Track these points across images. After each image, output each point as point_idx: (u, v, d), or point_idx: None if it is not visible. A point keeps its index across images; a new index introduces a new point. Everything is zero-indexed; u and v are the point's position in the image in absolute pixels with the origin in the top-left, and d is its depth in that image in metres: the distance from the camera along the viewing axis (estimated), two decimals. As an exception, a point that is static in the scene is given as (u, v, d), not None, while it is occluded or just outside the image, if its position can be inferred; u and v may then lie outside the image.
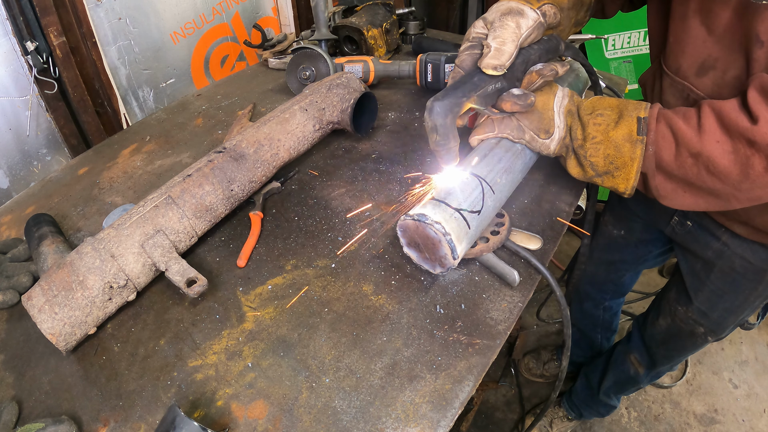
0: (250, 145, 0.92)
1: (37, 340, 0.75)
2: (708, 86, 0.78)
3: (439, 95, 0.71)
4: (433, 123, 0.71)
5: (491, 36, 0.74)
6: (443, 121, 0.70)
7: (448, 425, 0.60)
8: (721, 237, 0.97)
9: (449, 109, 0.71)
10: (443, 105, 0.70)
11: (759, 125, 0.62)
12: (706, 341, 1.16)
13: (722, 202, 0.72)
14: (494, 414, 1.88)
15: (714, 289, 1.06)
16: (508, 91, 0.77)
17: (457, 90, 0.72)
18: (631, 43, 2.00)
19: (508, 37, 0.73)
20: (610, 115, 0.76)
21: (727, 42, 0.73)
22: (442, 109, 0.70)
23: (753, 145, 0.63)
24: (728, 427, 1.80)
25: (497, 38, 0.73)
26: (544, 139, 0.81)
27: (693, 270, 1.09)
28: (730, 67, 0.74)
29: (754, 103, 0.63)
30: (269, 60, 1.55)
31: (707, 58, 0.77)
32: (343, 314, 0.74)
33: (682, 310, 1.15)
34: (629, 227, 1.29)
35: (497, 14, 0.76)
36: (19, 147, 1.32)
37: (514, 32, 0.73)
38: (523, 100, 0.77)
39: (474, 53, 0.78)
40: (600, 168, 0.77)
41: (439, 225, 0.68)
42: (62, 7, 1.27)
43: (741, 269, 0.98)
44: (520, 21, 0.74)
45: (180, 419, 0.53)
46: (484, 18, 0.78)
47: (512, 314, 0.73)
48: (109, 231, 0.76)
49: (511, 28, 0.73)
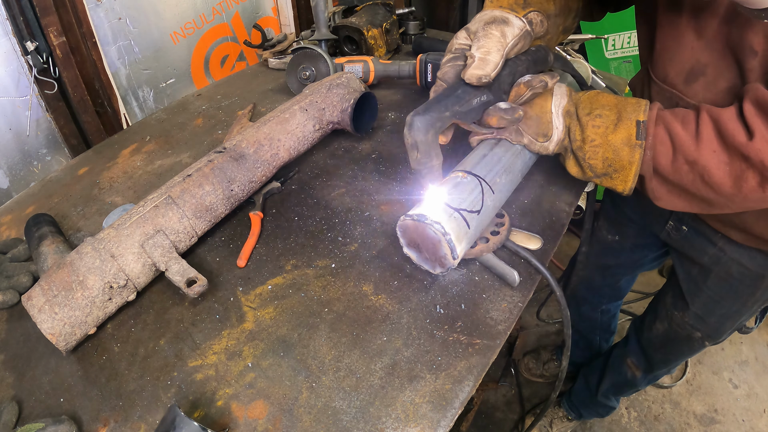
0: (250, 145, 0.92)
1: (37, 340, 0.75)
2: (698, 93, 0.77)
3: (420, 109, 0.67)
4: (414, 139, 0.66)
5: (475, 46, 0.71)
6: (424, 137, 0.66)
7: (448, 425, 0.60)
8: (717, 242, 0.96)
9: (431, 125, 0.66)
10: (424, 120, 0.66)
11: (753, 141, 0.61)
12: (704, 345, 1.15)
13: (715, 208, 0.73)
14: (494, 414, 1.88)
15: (711, 295, 1.04)
16: (494, 105, 0.74)
17: (440, 104, 0.68)
18: (631, 43, 1.99)
19: (492, 46, 0.70)
20: (608, 116, 0.75)
21: (716, 48, 0.72)
22: (423, 124, 0.66)
23: (747, 160, 0.63)
24: (728, 427, 1.80)
25: (481, 48, 0.70)
26: (542, 142, 0.80)
27: (689, 275, 1.08)
28: (720, 75, 0.73)
29: (750, 116, 0.62)
30: (269, 60, 1.55)
31: (696, 65, 0.76)
32: (343, 314, 0.74)
33: (679, 315, 1.14)
34: (623, 232, 1.28)
35: (480, 24, 0.73)
36: (19, 147, 1.32)
37: (499, 41, 0.70)
38: (511, 114, 0.74)
39: (457, 65, 0.74)
40: (598, 170, 0.77)
41: (438, 225, 0.68)
42: (62, 7, 1.27)
43: (738, 275, 0.96)
44: (505, 30, 0.71)
45: (180, 419, 0.53)
46: (467, 28, 0.75)
47: (512, 314, 0.73)
48: (109, 231, 0.76)
49: (495, 37, 0.70)
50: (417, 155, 0.67)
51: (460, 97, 0.70)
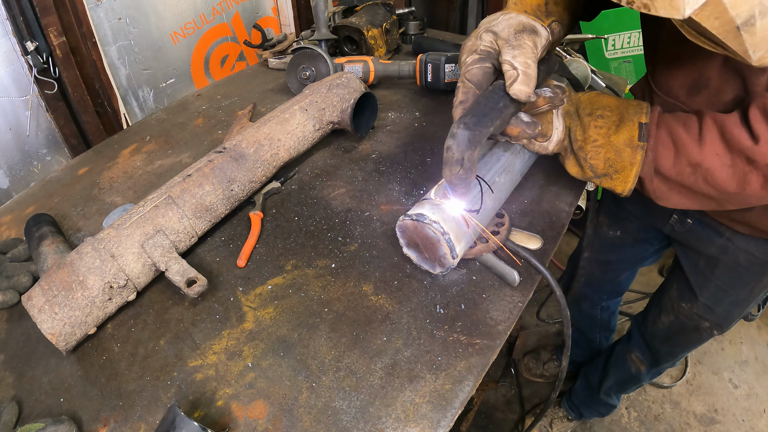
0: (250, 145, 0.92)
1: (37, 340, 0.75)
2: (701, 105, 0.78)
3: (468, 121, 0.63)
4: (461, 155, 0.63)
5: (509, 55, 0.68)
6: (471, 154, 0.63)
7: (448, 425, 0.60)
8: (724, 233, 0.97)
9: (478, 141, 0.62)
10: (474, 136, 0.62)
11: (760, 145, 0.63)
12: (712, 335, 1.16)
13: (717, 205, 0.74)
14: (494, 414, 1.88)
15: (720, 285, 1.05)
16: (516, 116, 0.72)
17: (485, 118, 0.65)
18: (631, 43, 1.99)
19: (529, 58, 0.68)
20: (610, 117, 0.76)
21: (719, 63, 0.73)
22: (472, 140, 0.62)
23: (752, 163, 0.65)
24: (728, 427, 1.80)
25: (518, 58, 0.67)
26: (541, 142, 0.80)
27: (696, 267, 1.09)
28: (723, 87, 0.74)
29: (756, 122, 0.64)
30: (269, 60, 1.55)
31: (699, 78, 0.77)
32: (343, 314, 0.74)
33: (687, 307, 1.15)
34: (625, 227, 1.29)
35: (511, 30, 0.70)
36: (19, 147, 1.32)
37: (533, 52, 0.69)
38: (532, 128, 0.73)
39: (485, 67, 0.72)
40: (599, 170, 0.77)
41: (437, 224, 0.68)
42: (62, 7, 1.27)
43: (746, 263, 0.98)
44: (536, 40, 0.70)
45: (180, 419, 0.53)
46: (493, 32, 0.72)
47: (512, 314, 0.73)
48: (109, 231, 0.76)
49: (529, 47, 0.69)
50: (460, 171, 0.64)
51: (501, 111, 0.67)
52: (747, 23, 0.49)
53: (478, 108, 0.66)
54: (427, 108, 1.25)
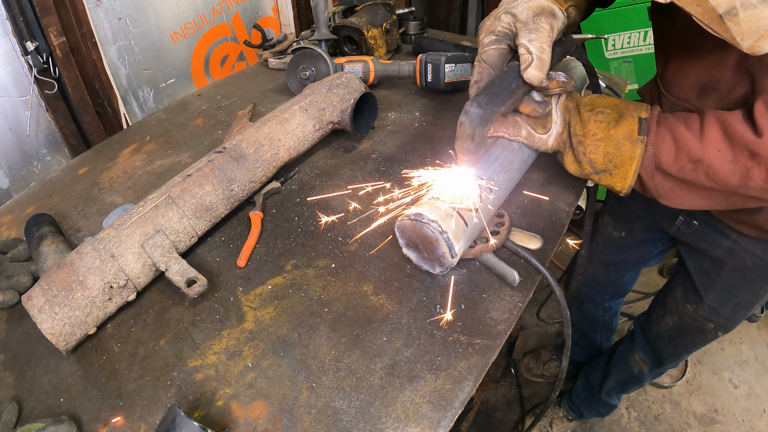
0: (250, 145, 0.92)
1: (37, 340, 0.75)
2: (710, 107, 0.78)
3: (481, 100, 0.68)
4: (472, 131, 0.67)
5: (525, 37, 0.70)
6: (482, 130, 0.68)
7: (448, 425, 0.60)
8: (730, 235, 0.97)
9: (489, 119, 0.68)
10: (485, 114, 0.67)
11: (763, 138, 0.63)
12: (716, 336, 1.16)
13: (724, 201, 0.74)
14: (494, 414, 1.88)
15: (725, 286, 1.05)
16: (529, 95, 0.75)
17: (498, 97, 0.69)
18: (631, 43, 1.99)
19: (545, 42, 0.70)
20: (610, 114, 0.76)
21: (730, 65, 0.73)
22: (485, 118, 0.67)
23: (755, 157, 0.65)
24: (728, 427, 1.80)
25: (534, 42, 0.69)
26: (541, 134, 0.80)
27: (701, 268, 1.09)
28: (734, 89, 0.74)
29: (761, 116, 0.64)
30: (269, 60, 1.55)
31: (709, 81, 0.77)
32: (343, 314, 0.74)
33: (692, 308, 1.14)
34: (630, 228, 1.29)
35: (530, 13, 0.72)
36: (19, 147, 1.32)
37: (549, 36, 0.71)
38: (542, 108, 0.75)
39: (501, 48, 0.75)
40: (598, 165, 0.77)
41: (435, 224, 0.68)
42: (62, 7, 1.27)
43: (752, 265, 0.97)
44: (553, 23, 0.72)
45: (180, 419, 0.53)
46: (512, 13, 0.73)
47: (512, 314, 0.73)
48: (109, 231, 0.76)
49: (546, 31, 0.70)
50: (470, 145, 0.69)
51: (514, 92, 0.71)
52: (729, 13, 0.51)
53: (491, 88, 0.70)
54: (427, 108, 1.25)
